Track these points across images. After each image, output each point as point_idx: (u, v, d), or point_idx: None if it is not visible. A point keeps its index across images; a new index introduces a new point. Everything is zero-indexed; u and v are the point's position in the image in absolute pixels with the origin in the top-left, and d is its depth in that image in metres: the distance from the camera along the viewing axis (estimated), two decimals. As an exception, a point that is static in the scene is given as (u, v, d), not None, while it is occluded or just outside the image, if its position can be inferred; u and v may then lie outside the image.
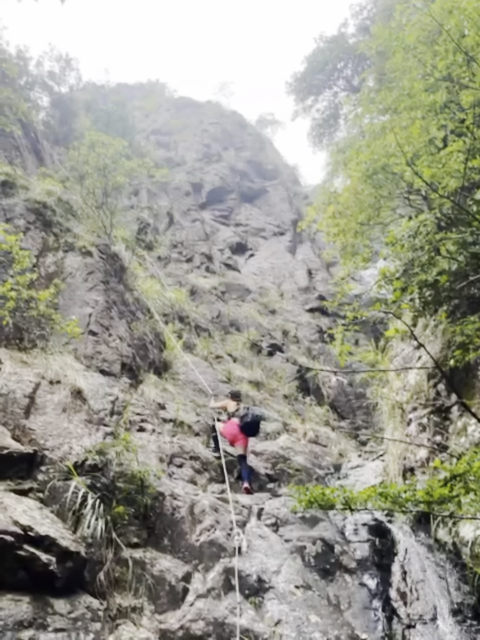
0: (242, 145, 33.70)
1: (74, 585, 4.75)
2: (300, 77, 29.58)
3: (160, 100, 38.76)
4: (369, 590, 5.48)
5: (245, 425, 7.83)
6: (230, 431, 7.97)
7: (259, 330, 15.84)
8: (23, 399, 6.46)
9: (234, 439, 7.88)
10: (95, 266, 10.19)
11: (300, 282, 20.84)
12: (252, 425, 7.87)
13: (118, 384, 8.33)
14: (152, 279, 15.25)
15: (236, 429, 7.88)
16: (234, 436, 7.89)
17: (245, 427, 7.83)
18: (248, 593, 5.17)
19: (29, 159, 16.64)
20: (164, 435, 7.87)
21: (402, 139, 5.76)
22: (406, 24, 7.68)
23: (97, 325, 9.10)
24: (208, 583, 5.20)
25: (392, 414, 7.42)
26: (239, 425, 7.89)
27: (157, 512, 5.88)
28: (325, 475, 8.83)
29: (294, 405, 12.79)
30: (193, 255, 20.34)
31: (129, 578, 5.07)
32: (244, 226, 25.40)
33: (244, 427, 7.83)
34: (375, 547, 6.08)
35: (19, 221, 9.64)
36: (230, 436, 7.95)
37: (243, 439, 7.84)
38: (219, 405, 8.92)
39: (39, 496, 5.37)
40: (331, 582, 5.57)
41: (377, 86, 11.92)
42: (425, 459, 6.28)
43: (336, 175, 16.48)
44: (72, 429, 6.42)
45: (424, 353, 6.85)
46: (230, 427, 8.02)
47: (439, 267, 5.91)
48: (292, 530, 6.25)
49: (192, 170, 27.76)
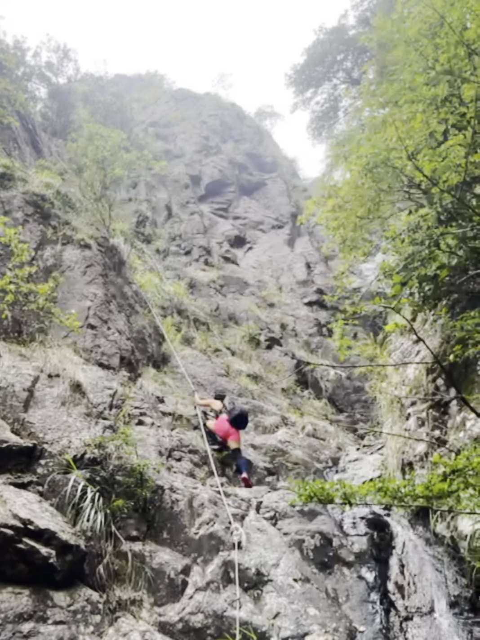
0: (241, 137, 33.52)
1: (74, 578, 4.78)
2: (299, 69, 29.45)
3: (158, 92, 38.51)
4: (366, 583, 5.52)
5: (234, 418, 8.06)
6: (222, 427, 8.16)
7: (257, 324, 15.82)
8: (22, 392, 6.46)
9: (227, 434, 8.05)
10: (94, 259, 10.15)
11: (299, 275, 20.80)
12: (241, 417, 8.12)
13: (117, 378, 8.33)
14: (150, 272, 15.22)
15: (227, 424, 8.10)
16: (225, 432, 8.08)
17: (235, 420, 8.06)
18: (247, 586, 5.19)
19: (27, 151, 16.54)
20: (163, 428, 7.88)
21: (403, 133, 5.73)
22: (408, 16, 7.61)
23: (96, 318, 9.08)
24: (207, 576, 5.23)
25: (390, 408, 7.43)
26: (228, 420, 8.12)
27: (156, 505, 5.89)
28: (323, 469, 8.86)
29: (292, 398, 12.80)
30: (192, 248, 20.28)
31: (128, 571, 5.09)
32: (243, 219, 25.31)
33: (234, 421, 8.06)
34: (374, 541, 6.12)
35: (17, 214, 9.59)
36: (223, 432, 8.12)
37: (235, 432, 8.03)
38: (204, 403, 9.06)
39: (39, 489, 5.39)
40: (329, 575, 5.60)
41: (377, 79, 11.84)
42: (424, 454, 6.30)
43: (336, 168, 16.42)
44: (71, 423, 6.42)
45: (423, 347, 6.85)
46: (221, 423, 8.23)
47: (439, 262, 5.89)
48: (290, 524, 6.27)
49: (191, 163, 27.63)
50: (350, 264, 9.52)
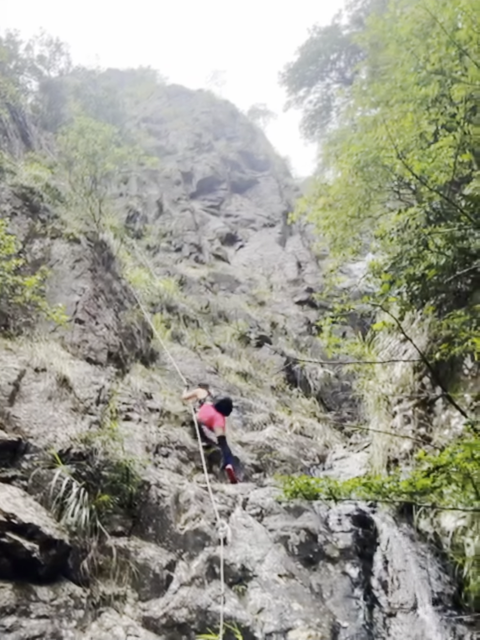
0: (234, 135, 33.47)
1: (58, 573, 4.75)
2: (293, 67, 29.48)
3: (151, 88, 38.33)
4: (350, 579, 5.53)
5: (219, 404, 8.25)
6: (207, 414, 8.23)
7: (247, 322, 15.83)
8: (7, 386, 6.39)
9: (212, 420, 8.08)
10: (82, 254, 10.09)
11: (290, 274, 20.83)
12: (225, 403, 8.32)
13: (104, 373, 8.29)
14: (140, 268, 15.16)
15: (212, 410, 8.19)
16: (211, 418, 8.11)
17: (220, 405, 8.23)
18: (232, 581, 5.19)
19: (17, 143, 16.38)
20: (150, 424, 7.85)
21: (393, 132, 5.75)
22: (400, 16, 7.64)
23: (84, 313, 9.03)
24: (192, 571, 5.22)
25: (377, 406, 7.47)
26: (213, 406, 8.26)
27: (142, 501, 5.87)
28: (310, 466, 8.89)
29: (281, 396, 12.82)
30: (182, 245, 20.24)
31: (112, 566, 5.07)
32: (234, 217, 25.29)
33: (219, 406, 8.22)
34: (358, 537, 6.14)
35: (5, 206, 9.51)
36: (208, 419, 8.17)
37: (220, 417, 8.08)
38: (190, 395, 9.14)
39: (23, 484, 5.34)
40: (314, 571, 5.62)
41: (370, 79, 11.88)
42: (409, 451, 6.35)
43: (327, 168, 16.46)
44: (57, 417, 6.38)
45: (410, 346, 6.89)
46: (206, 410, 8.32)
47: (427, 261, 5.94)
48: (276, 520, 6.28)
49: (183, 159, 27.56)
50: (340, 262, 9.57)
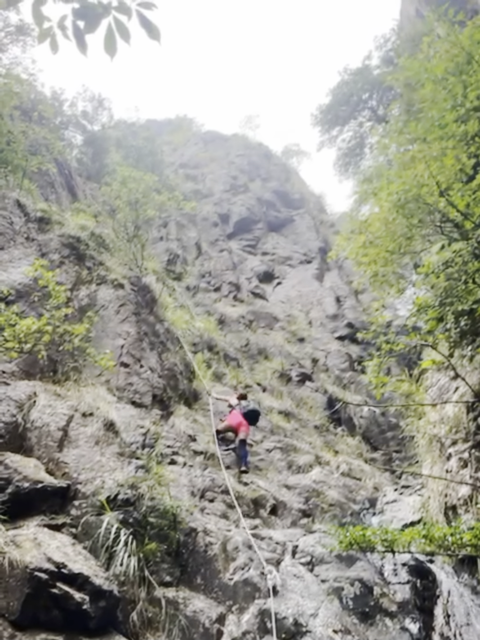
0: (268, 175, 34.18)
1: (107, 625, 4.65)
2: (325, 109, 30.11)
3: (188, 135, 39.86)
4: (410, 635, 5.19)
5: (247, 413, 9.26)
6: (236, 419, 9.17)
7: (287, 359, 15.71)
8: (57, 431, 6.49)
9: (239, 425, 9.02)
10: (127, 298, 10.34)
11: (329, 309, 20.70)
12: (253, 413, 9.38)
13: (149, 416, 8.33)
14: (181, 308, 15.39)
15: (240, 417, 9.17)
16: (239, 423, 9.06)
17: (248, 414, 9.25)
18: (284, 637, 4.95)
19: (63, 194, 17.23)
20: (195, 468, 7.78)
21: (434, 169, 5.73)
22: (434, 55, 7.74)
23: (128, 356, 9.18)
24: (243, 626, 5.03)
25: (429, 448, 7.17)
26: (242, 414, 9.24)
27: (189, 548, 5.76)
28: (360, 511, 8.55)
29: (325, 436, 12.53)
30: (221, 284, 20.49)
31: (162, 618, 4.93)
32: (271, 255, 25.54)
33: (246, 415, 9.23)
34: (417, 589, 5.79)
35: (54, 255, 9.91)
36: (236, 423, 9.08)
37: (246, 425, 9.07)
38: (223, 398, 10.32)
39: (72, 531, 5.33)
40: (371, 626, 5.31)
41: (404, 116, 11.99)
42: (468, 497, 6.00)
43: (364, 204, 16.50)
44: (104, 462, 6.41)
45: (462, 384, 6.64)
46: (235, 416, 9.27)
47: (476, 296, 5.78)
48: (328, 570, 6.01)
49: (220, 202, 28.24)
50: (383, 300, 9.43)
